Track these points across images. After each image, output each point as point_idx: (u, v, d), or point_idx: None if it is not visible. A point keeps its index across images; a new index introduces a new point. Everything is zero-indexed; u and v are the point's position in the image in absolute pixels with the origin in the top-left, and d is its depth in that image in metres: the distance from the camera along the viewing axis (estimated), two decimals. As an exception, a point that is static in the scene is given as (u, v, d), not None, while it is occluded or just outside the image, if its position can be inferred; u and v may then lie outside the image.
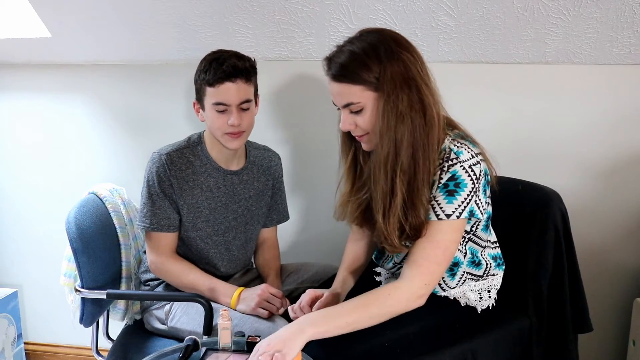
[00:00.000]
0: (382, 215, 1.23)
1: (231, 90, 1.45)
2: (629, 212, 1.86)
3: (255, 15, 1.78)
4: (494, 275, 1.42)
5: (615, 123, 1.82)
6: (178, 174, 1.53)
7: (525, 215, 1.51)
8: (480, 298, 1.40)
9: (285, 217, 1.80)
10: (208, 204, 1.58)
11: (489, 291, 1.41)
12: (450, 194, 1.20)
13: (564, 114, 1.84)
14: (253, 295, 1.47)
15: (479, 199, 1.24)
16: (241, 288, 1.51)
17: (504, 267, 1.45)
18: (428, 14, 1.70)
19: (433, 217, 1.22)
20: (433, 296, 1.39)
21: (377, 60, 1.18)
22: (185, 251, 1.61)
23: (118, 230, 1.68)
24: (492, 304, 1.42)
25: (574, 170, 1.86)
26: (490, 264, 1.41)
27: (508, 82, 1.84)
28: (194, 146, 1.58)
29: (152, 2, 1.78)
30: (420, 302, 1.22)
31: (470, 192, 1.21)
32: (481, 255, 1.39)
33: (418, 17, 1.71)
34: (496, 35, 1.73)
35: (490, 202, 1.36)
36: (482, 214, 1.26)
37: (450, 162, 1.20)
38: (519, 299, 1.48)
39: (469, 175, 1.20)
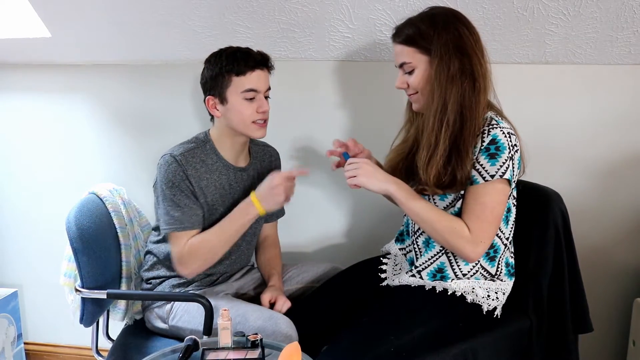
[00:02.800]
0: (425, 162, 1.35)
1: (261, 77, 1.52)
2: (629, 212, 1.86)
3: (255, 15, 1.78)
4: (502, 281, 1.43)
5: (615, 123, 1.82)
6: (194, 174, 1.53)
7: (526, 215, 1.51)
8: (488, 296, 1.41)
9: (282, 211, 1.82)
10: (222, 202, 1.58)
11: (496, 292, 1.42)
12: (492, 157, 1.31)
13: (563, 114, 1.84)
14: (271, 191, 1.48)
15: (514, 168, 1.34)
16: (252, 193, 1.51)
17: (513, 279, 1.46)
18: (428, 14, 1.70)
19: (480, 180, 1.32)
20: (439, 294, 1.40)
21: (433, 27, 1.33)
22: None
23: (118, 230, 1.68)
24: (499, 312, 1.43)
25: (574, 170, 1.86)
26: (502, 268, 1.42)
27: (508, 82, 1.84)
28: (202, 145, 1.57)
29: (152, 2, 1.77)
30: (473, 256, 1.35)
31: (508, 154, 1.31)
32: (500, 256, 1.42)
33: (418, 17, 1.71)
34: (496, 35, 1.73)
35: (515, 199, 1.44)
36: (513, 181, 1.36)
37: (491, 126, 1.32)
38: (519, 298, 1.48)
39: (507, 141, 1.31)
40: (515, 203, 1.45)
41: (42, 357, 2.34)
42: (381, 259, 1.61)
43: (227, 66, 1.49)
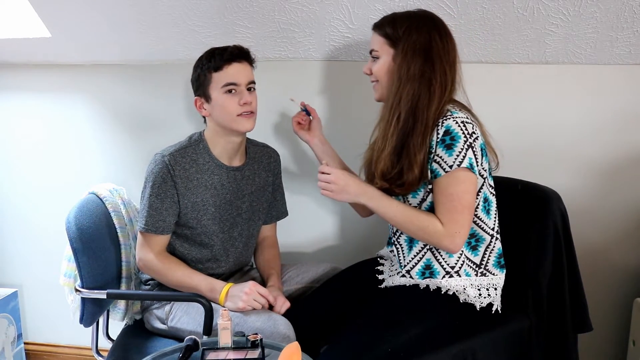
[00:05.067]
0: (377, 154, 1.41)
1: (240, 70, 1.54)
2: (629, 212, 1.86)
3: (255, 15, 1.78)
4: (493, 274, 1.43)
5: (615, 123, 1.82)
6: (182, 174, 1.53)
7: (525, 216, 1.51)
8: (480, 295, 1.41)
9: (283, 213, 1.81)
10: (213, 202, 1.59)
11: (487, 289, 1.42)
12: (449, 147, 1.33)
13: (563, 114, 1.84)
14: (241, 294, 1.47)
15: (476, 155, 1.34)
16: (229, 284, 1.51)
17: (504, 271, 1.45)
18: (428, 14, 1.70)
19: (441, 172, 1.34)
20: (433, 293, 1.41)
21: (407, 25, 1.38)
22: (188, 249, 1.62)
23: (118, 230, 1.68)
24: (498, 307, 1.43)
25: (574, 170, 1.86)
26: (490, 259, 1.42)
27: (508, 82, 1.84)
28: (195, 145, 1.58)
29: (152, 2, 1.78)
30: (453, 247, 1.35)
31: (464, 143, 1.32)
32: (484, 246, 1.42)
33: (418, 17, 1.71)
34: (496, 35, 1.73)
35: (493, 188, 1.44)
36: (479, 172, 1.37)
37: (445, 118, 1.34)
38: (519, 298, 1.49)
39: (461, 129, 1.33)
40: (494, 192, 1.45)
41: (42, 357, 2.34)
42: (378, 259, 1.61)
43: (206, 64, 1.53)
